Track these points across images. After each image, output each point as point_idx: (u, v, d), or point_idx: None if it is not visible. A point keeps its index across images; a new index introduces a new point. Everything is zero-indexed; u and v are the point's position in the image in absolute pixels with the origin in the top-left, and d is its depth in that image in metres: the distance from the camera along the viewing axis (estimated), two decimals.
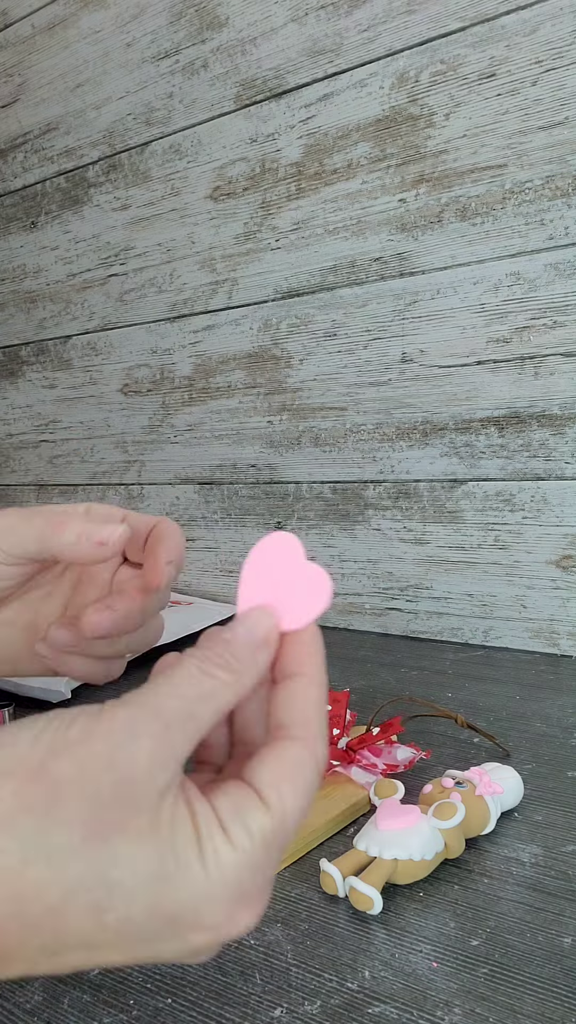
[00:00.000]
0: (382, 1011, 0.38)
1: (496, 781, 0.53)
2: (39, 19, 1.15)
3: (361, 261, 0.90)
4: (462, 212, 0.83)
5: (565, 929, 0.43)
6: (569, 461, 0.81)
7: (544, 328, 0.80)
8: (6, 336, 1.33)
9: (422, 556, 0.92)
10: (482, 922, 0.44)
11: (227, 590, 1.11)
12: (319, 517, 1.00)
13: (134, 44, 1.05)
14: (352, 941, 0.43)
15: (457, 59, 0.80)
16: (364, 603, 0.98)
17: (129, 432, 1.18)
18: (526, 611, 0.86)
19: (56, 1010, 0.40)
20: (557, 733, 0.66)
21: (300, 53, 0.91)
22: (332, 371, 0.95)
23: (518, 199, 0.79)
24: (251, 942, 0.44)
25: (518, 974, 0.40)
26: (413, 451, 0.90)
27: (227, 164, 0.99)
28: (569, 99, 0.75)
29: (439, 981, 0.40)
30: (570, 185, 0.76)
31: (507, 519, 0.85)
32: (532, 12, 0.76)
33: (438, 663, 0.85)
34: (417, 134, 0.84)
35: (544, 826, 0.52)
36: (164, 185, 1.06)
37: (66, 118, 1.15)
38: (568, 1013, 0.37)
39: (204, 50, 0.98)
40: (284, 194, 0.95)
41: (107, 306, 1.16)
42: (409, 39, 0.83)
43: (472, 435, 0.86)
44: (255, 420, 1.03)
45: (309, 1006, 0.39)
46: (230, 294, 1.03)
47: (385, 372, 0.91)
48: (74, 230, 1.18)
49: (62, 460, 1.29)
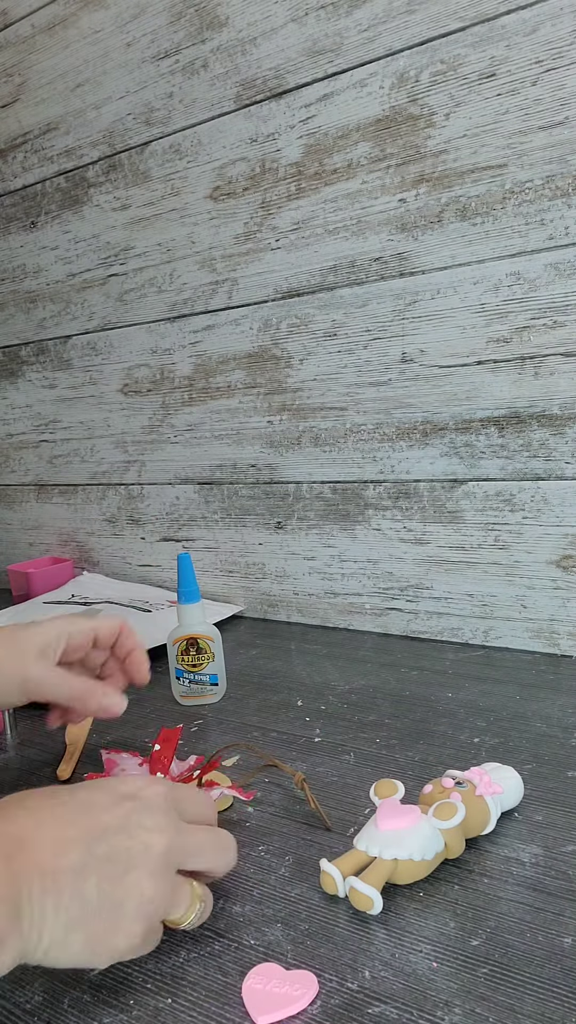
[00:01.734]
0: (382, 1011, 0.38)
1: (496, 781, 0.53)
2: (39, 19, 1.15)
3: (361, 261, 0.90)
4: (462, 212, 0.83)
5: (565, 929, 0.43)
6: (569, 461, 0.81)
7: (544, 328, 0.80)
8: (6, 336, 1.33)
9: (422, 556, 0.92)
10: (482, 922, 0.44)
11: (227, 590, 1.11)
12: (319, 517, 1.00)
13: (134, 44, 1.05)
14: (352, 941, 0.43)
15: (457, 59, 0.80)
16: (364, 603, 0.98)
17: (129, 432, 1.18)
18: (526, 611, 0.86)
19: (56, 1010, 0.40)
20: (557, 733, 0.66)
21: (300, 53, 0.91)
22: (332, 371, 0.95)
23: (518, 199, 0.79)
24: (251, 942, 0.44)
25: (518, 974, 0.40)
26: (413, 451, 0.90)
27: (227, 164, 0.99)
28: (569, 99, 0.75)
29: (439, 981, 0.40)
30: (570, 185, 0.76)
31: (507, 519, 0.85)
32: (532, 12, 0.76)
33: (438, 663, 0.85)
34: (417, 134, 0.84)
35: (544, 826, 0.52)
36: (164, 185, 1.06)
37: (66, 118, 1.15)
38: (568, 1013, 0.37)
39: (204, 50, 0.98)
40: (284, 194, 0.95)
41: (107, 306, 1.16)
42: (409, 39, 0.83)
43: (472, 435, 0.86)
44: (255, 420, 1.03)
45: (309, 1006, 0.39)
46: (230, 294, 1.03)
47: (385, 372, 0.91)
48: (74, 230, 1.18)
49: (62, 460, 1.29)
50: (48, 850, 0.38)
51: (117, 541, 1.24)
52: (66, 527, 1.31)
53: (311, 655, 0.91)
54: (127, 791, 0.43)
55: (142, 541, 1.21)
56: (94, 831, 0.39)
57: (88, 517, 1.27)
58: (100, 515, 1.26)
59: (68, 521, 1.31)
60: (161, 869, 0.40)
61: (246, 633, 1.02)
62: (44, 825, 0.39)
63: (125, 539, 1.23)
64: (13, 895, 0.36)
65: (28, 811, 0.40)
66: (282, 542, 1.04)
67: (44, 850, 0.38)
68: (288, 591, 1.05)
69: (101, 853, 0.39)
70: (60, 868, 0.37)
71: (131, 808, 0.41)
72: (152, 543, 1.20)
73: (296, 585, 1.04)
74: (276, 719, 0.73)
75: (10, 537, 1.41)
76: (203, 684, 0.78)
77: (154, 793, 0.43)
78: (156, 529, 1.18)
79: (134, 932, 0.39)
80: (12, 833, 0.38)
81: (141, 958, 0.43)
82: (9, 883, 0.36)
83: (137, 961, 0.43)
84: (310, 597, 1.03)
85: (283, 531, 1.03)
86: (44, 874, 0.37)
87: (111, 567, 1.26)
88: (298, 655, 0.91)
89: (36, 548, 1.37)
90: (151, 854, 0.40)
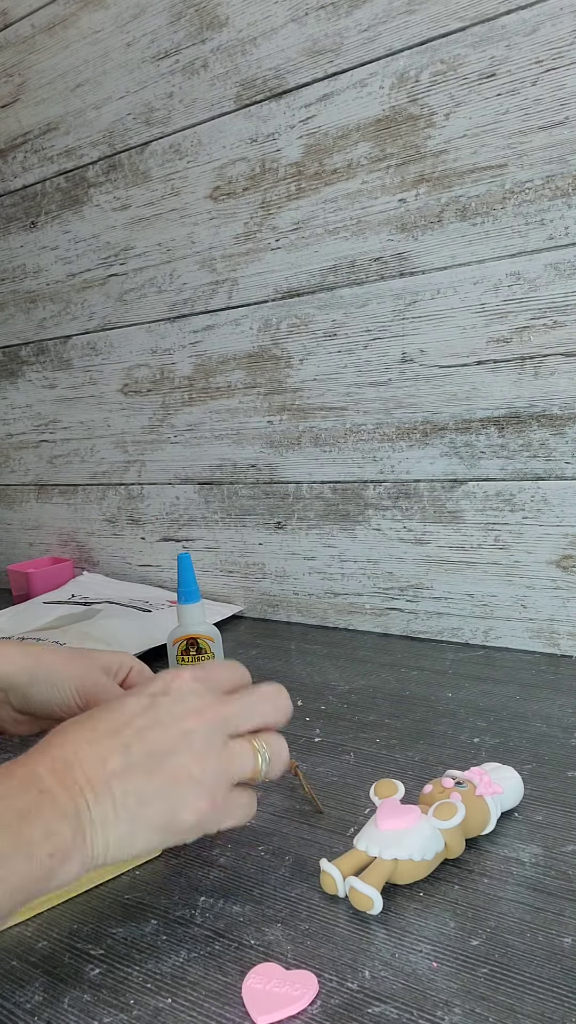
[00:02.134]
0: (382, 1011, 0.38)
1: (496, 781, 0.53)
2: (39, 19, 1.15)
3: (361, 261, 0.90)
4: (462, 212, 0.83)
5: (565, 929, 0.43)
6: (569, 461, 0.81)
7: (544, 328, 0.80)
8: (6, 336, 1.33)
9: (422, 556, 0.92)
10: (482, 922, 0.44)
11: (227, 590, 1.11)
12: (319, 517, 1.00)
13: (134, 44, 1.05)
14: (352, 941, 0.43)
15: (457, 59, 0.80)
16: (364, 603, 0.98)
17: (129, 432, 1.18)
18: (526, 611, 0.86)
19: (56, 1010, 0.40)
20: (557, 733, 0.66)
21: (300, 53, 0.91)
22: (332, 371, 0.95)
23: (518, 199, 0.79)
24: (251, 942, 0.44)
25: (518, 974, 0.40)
26: (413, 451, 0.90)
27: (227, 164, 0.99)
28: (569, 99, 0.75)
29: (439, 981, 0.40)
30: (570, 185, 0.76)
31: (507, 519, 0.85)
32: (532, 12, 0.76)
33: (438, 663, 0.85)
34: (417, 134, 0.84)
35: (544, 826, 0.52)
36: (164, 185, 1.06)
37: (66, 118, 1.15)
38: (568, 1013, 0.37)
39: (204, 50, 0.98)
40: (284, 194, 0.95)
41: (107, 306, 1.16)
42: (409, 39, 0.83)
43: (472, 435, 0.86)
44: (255, 420, 1.03)
45: (309, 1006, 0.39)
46: (230, 294, 1.03)
47: (385, 372, 0.91)
48: (74, 230, 1.18)
49: (62, 460, 1.29)
50: (92, 763, 0.41)
51: (117, 541, 1.24)
52: (66, 527, 1.31)
53: (311, 655, 0.91)
54: (156, 689, 0.46)
55: (142, 541, 1.21)
56: (130, 734, 0.43)
57: (88, 517, 1.28)
58: (100, 515, 1.26)
59: (68, 521, 1.31)
60: (203, 747, 0.44)
61: (246, 633, 1.02)
62: (85, 743, 0.42)
63: (125, 539, 1.23)
64: (73, 810, 0.39)
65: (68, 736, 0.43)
66: (282, 542, 1.04)
67: (89, 764, 0.41)
68: (288, 591, 1.05)
69: (140, 751, 0.42)
70: (107, 775, 0.41)
71: (163, 702, 0.45)
72: (152, 543, 1.20)
73: (296, 585, 1.04)
74: None
75: (10, 537, 1.41)
76: None
77: (181, 682, 0.46)
78: (156, 529, 1.18)
79: (199, 807, 0.43)
80: (58, 756, 0.41)
81: (141, 958, 0.43)
82: (68, 798, 0.40)
83: (137, 961, 0.43)
84: (310, 597, 1.03)
85: (283, 531, 1.03)
86: (94, 784, 0.41)
87: (111, 567, 1.26)
88: (298, 655, 0.91)
89: (36, 548, 1.37)
90: (190, 737, 0.43)
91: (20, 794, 0.39)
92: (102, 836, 0.40)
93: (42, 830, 0.38)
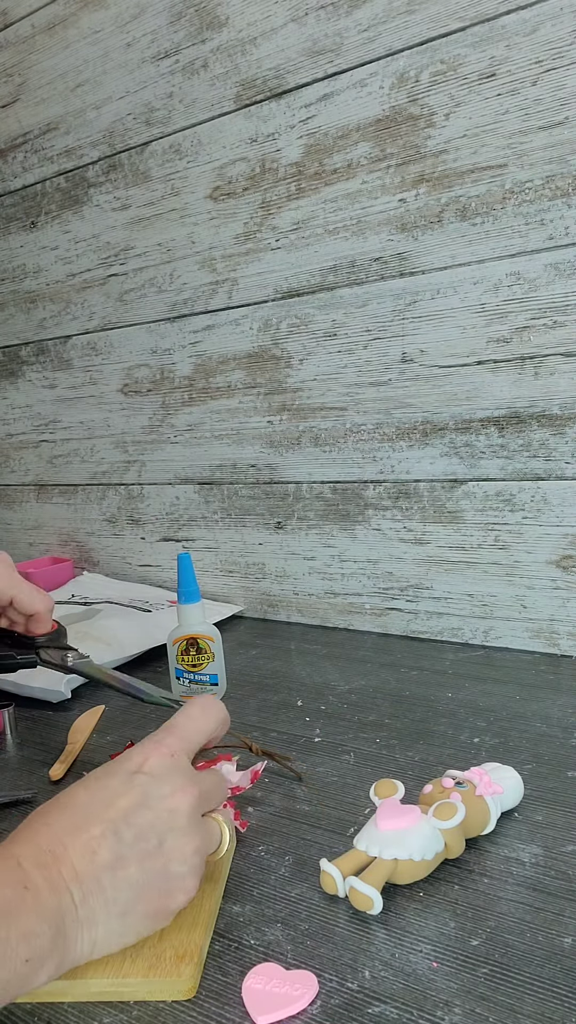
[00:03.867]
0: (382, 1011, 0.38)
1: (496, 781, 0.53)
2: (39, 19, 1.15)
3: (361, 261, 0.90)
4: (462, 212, 0.83)
5: (565, 929, 0.43)
6: (569, 461, 0.81)
7: (544, 328, 0.80)
8: (6, 336, 1.33)
9: (422, 556, 0.92)
10: (482, 922, 0.44)
11: (227, 590, 1.11)
12: (319, 517, 1.00)
13: (134, 44, 1.05)
14: (352, 941, 0.43)
15: (457, 59, 0.80)
16: (364, 603, 0.98)
17: (129, 432, 1.18)
18: (526, 611, 0.86)
19: (56, 1010, 0.40)
20: (557, 733, 0.66)
21: (300, 53, 0.91)
22: (332, 371, 0.95)
23: (518, 199, 0.79)
24: (251, 942, 0.44)
25: (518, 974, 0.40)
26: (413, 451, 0.90)
27: (227, 164, 0.99)
28: (569, 99, 0.75)
29: (439, 981, 0.40)
30: (570, 185, 0.76)
31: (507, 519, 0.85)
32: (532, 12, 0.76)
33: (438, 663, 0.85)
34: (417, 134, 0.84)
35: (544, 826, 0.52)
36: (164, 185, 1.06)
37: (66, 118, 1.15)
38: (568, 1013, 0.37)
39: (204, 50, 0.98)
40: (284, 194, 0.95)
41: (107, 306, 1.16)
42: (409, 39, 0.83)
43: (472, 435, 0.86)
44: (255, 420, 1.03)
45: (309, 1006, 0.39)
46: (230, 294, 1.03)
47: (385, 372, 0.91)
48: (74, 230, 1.18)
49: (62, 460, 1.29)
50: (81, 856, 0.39)
51: (117, 541, 1.24)
52: (66, 527, 1.31)
53: (311, 655, 0.91)
54: (133, 766, 0.44)
55: (142, 541, 1.21)
56: (116, 819, 0.41)
57: (88, 517, 1.27)
58: (100, 515, 1.26)
59: (68, 521, 1.31)
60: (191, 824, 0.43)
61: (246, 633, 1.02)
62: (72, 832, 0.40)
63: (125, 539, 1.23)
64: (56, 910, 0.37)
65: (51, 821, 0.41)
66: (282, 542, 1.04)
67: (79, 857, 0.39)
68: (288, 591, 1.05)
69: (130, 837, 0.41)
70: (96, 868, 0.39)
71: (143, 782, 0.43)
72: (152, 543, 1.20)
73: (296, 585, 1.04)
74: (276, 719, 0.73)
75: (10, 537, 1.41)
76: (203, 684, 0.78)
77: (159, 758, 0.45)
78: (156, 529, 1.18)
79: (189, 887, 0.42)
80: (44, 847, 0.39)
81: None
82: (54, 896, 0.38)
83: None
84: (310, 597, 1.03)
85: (283, 531, 1.03)
86: (83, 881, 0.39)
87: (111, 567, 1.26)
88: (298, 655, 0.91)
89: (36, 548, 1.37)
90: (177, 816, 0.43)
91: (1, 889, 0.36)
92: (88, 935, 0.39)
93: (20, 931, 0.36)
